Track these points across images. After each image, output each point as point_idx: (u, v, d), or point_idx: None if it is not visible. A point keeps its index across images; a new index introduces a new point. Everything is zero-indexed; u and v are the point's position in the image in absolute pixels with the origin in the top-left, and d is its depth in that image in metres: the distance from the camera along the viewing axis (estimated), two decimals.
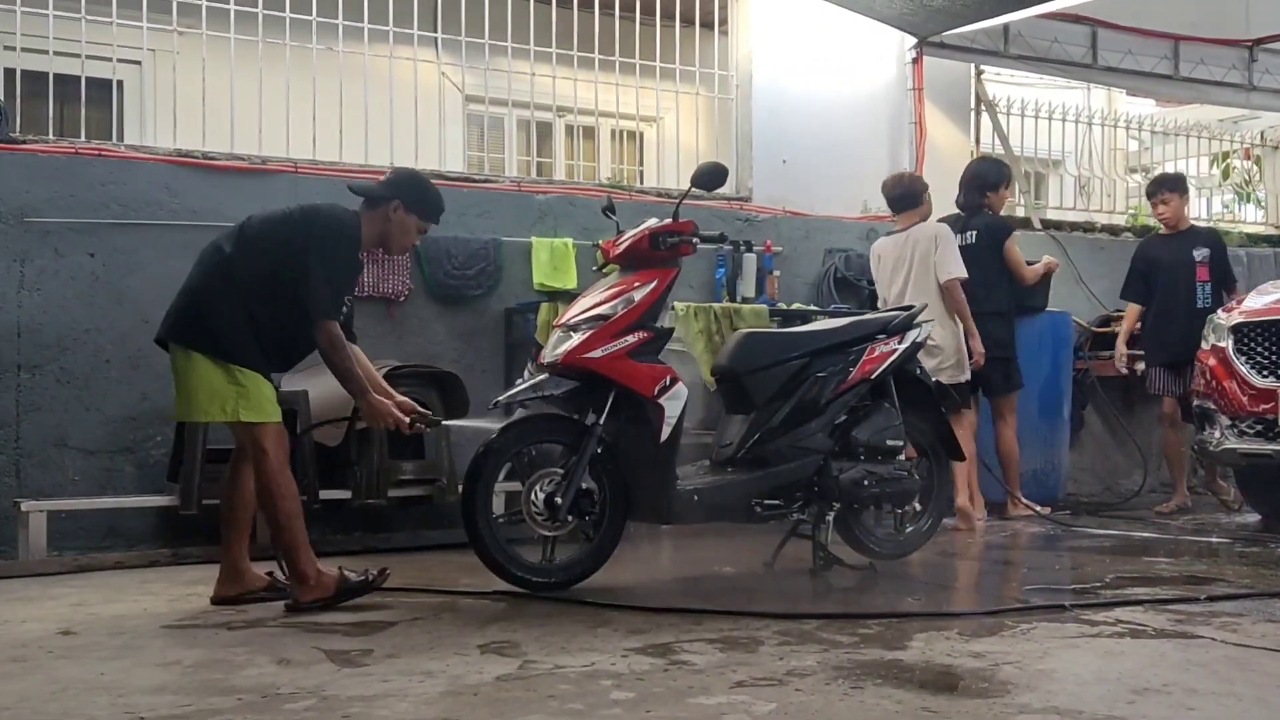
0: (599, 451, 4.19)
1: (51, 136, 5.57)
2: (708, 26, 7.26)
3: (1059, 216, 8.45)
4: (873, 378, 4.70)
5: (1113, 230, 8.42)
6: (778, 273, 6.68)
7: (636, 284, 4.28)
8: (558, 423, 4.30)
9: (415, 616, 3.76)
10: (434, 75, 6.58)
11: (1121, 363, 6.95)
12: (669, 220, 4.38)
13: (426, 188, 4.21)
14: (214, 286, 3.89)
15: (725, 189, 5.60)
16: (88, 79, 5.67)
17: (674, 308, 5.60)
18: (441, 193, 4.26)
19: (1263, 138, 9.90)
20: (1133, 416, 7.55)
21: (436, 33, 6.72)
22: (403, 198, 4.11)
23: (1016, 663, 3.10)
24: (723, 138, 7.30)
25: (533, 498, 4.15)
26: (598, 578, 4.25)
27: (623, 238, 4.41)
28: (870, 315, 5.10)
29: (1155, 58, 8.35)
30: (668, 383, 4.24)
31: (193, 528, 5.12)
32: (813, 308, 6.48)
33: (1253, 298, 6.13)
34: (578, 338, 4.20)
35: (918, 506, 4.87)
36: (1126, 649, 3.30)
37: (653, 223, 4.41)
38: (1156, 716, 2.62)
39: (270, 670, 3.06)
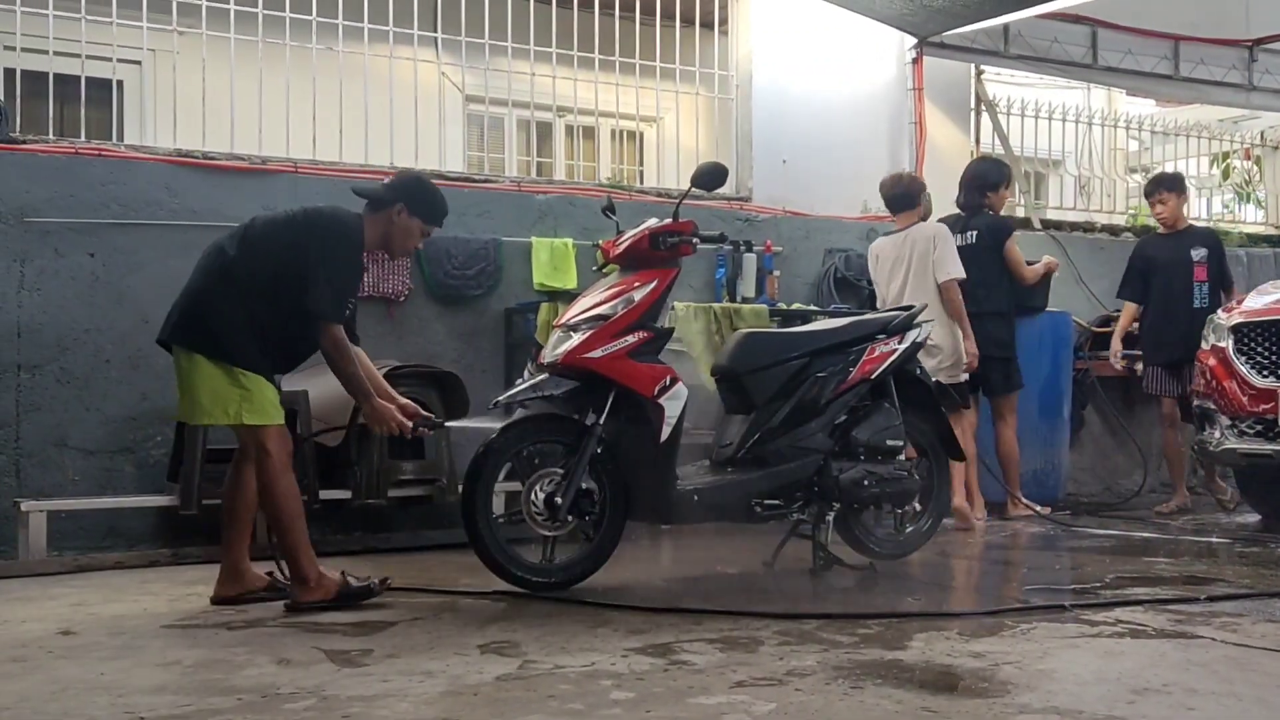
0: (599, 451, 4.19)
1: (51, 136, 5.56)
2: (708, 26, 7.26)
3: (1059, 216, 8.45)
4: (873, 378, 4.71)
5: (1113, 230, 8.42)
6: (778, 273, 6.68)
7: (636, 284, 4.28)
8: (558, 423, 4.30)
9: (415, 616, 3.76)
10: (434, 75, 6.58)
11: (1116, 360, 6.95)
12: (669, 220, 4.38)
13: (430, 191, 4.20)
14: (216, 288, 3.89)
15: (725, 189, 5.60)
16: (88, 79, 5.67)
17: (674, 308, 5.60)
18: (445, 195, 4.25)
19: (1263, 138, 9.90)
20: (1133, 416, 7.55)
21: (436, 33, 6.72)
22: (406, 201, 4.10)
23: (1016, 663, 3.10)
24: (723, 138, 7.30)
25: (533, 498, 4.15)
26: (598, 578, 4.25)
27: (623, 238, 4.42)
28: (870, 315, 5.10)
29: (1155, 58, 8.35)
30: (668, 383, 4.25)
31: (193, 528, 5.12)
32: (813, 308, 6.48)
33: (1253, 298, 6.13)
34: (578, 338, 4.20)
35: (918, 506, 4.87)
36: (1126, 649, 3.30)
37: (653, 223, 4.41)
38: (1156, 716, 2.62)
39: (270, 670, 3.06)
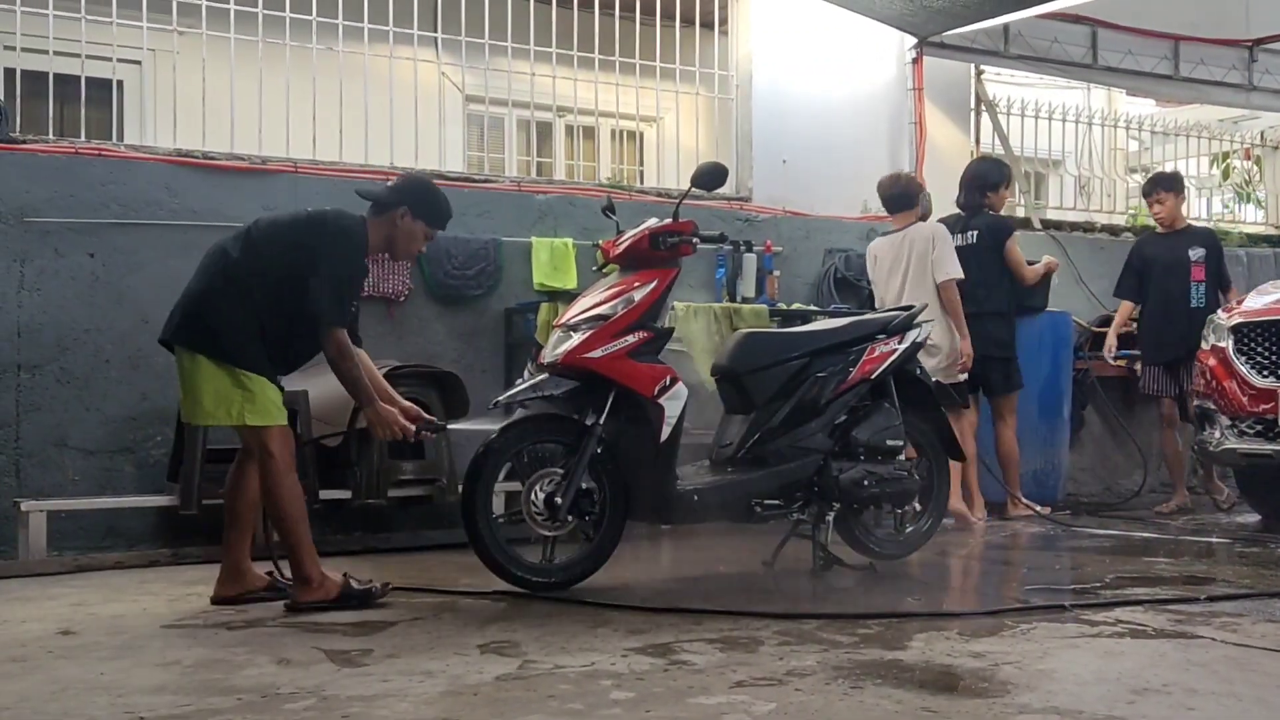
0: (599, 451, 4.19)
1: (51, 136, 5.56)
2: (708, 26, 7.26)
3: (1059, 216, 8.45)
4: (873, 378, 4.70)
5: (1113, 230, 8.41)
6: (778, 273, 6.68)
7: (636, 284, 4.28)
8: (558, 423, 4.29)
9: (415, 616, 3.76)
10: (434, 75, 6.58)
11: (1110, 354, 6.95)
12: (669, 220, 4.38)
13: (434, 194, 4.19)
14: (218, 290, 3.89)
15: (725, 189, 5.60)
16: (88, 79, 5.67)
17: (674, 308, 5.60)
18: (449, 198, 4.25)
19: (1263, 138, 9.90)
20: (1133, 416, 7.55)
21: (436, 33, 6.72)
22: (410, 204, 4.10)
23: (1016, 663, 3.10)
24: (723, 138, 7.30)
25: (533, 498, 4.15)
26: (598, 578, 4.25)
27: (623, 238, 4.41)
28: (870, 315, 5.10)
29: (1155, 58, 8.35)
30: (668, 383, 4.25)
31: (193, 528, 5.12)
32: (813, 308, 6.48)
33: (1253, 298, 6.13)
34: (578, 338, 4.20)
35: (918, 506, 4.87)
36: (1126, 649, 3.30)
37: (653, 223, 4.41)
38: (1156, 716, 2.62)
39: (270, 670, 3.06)
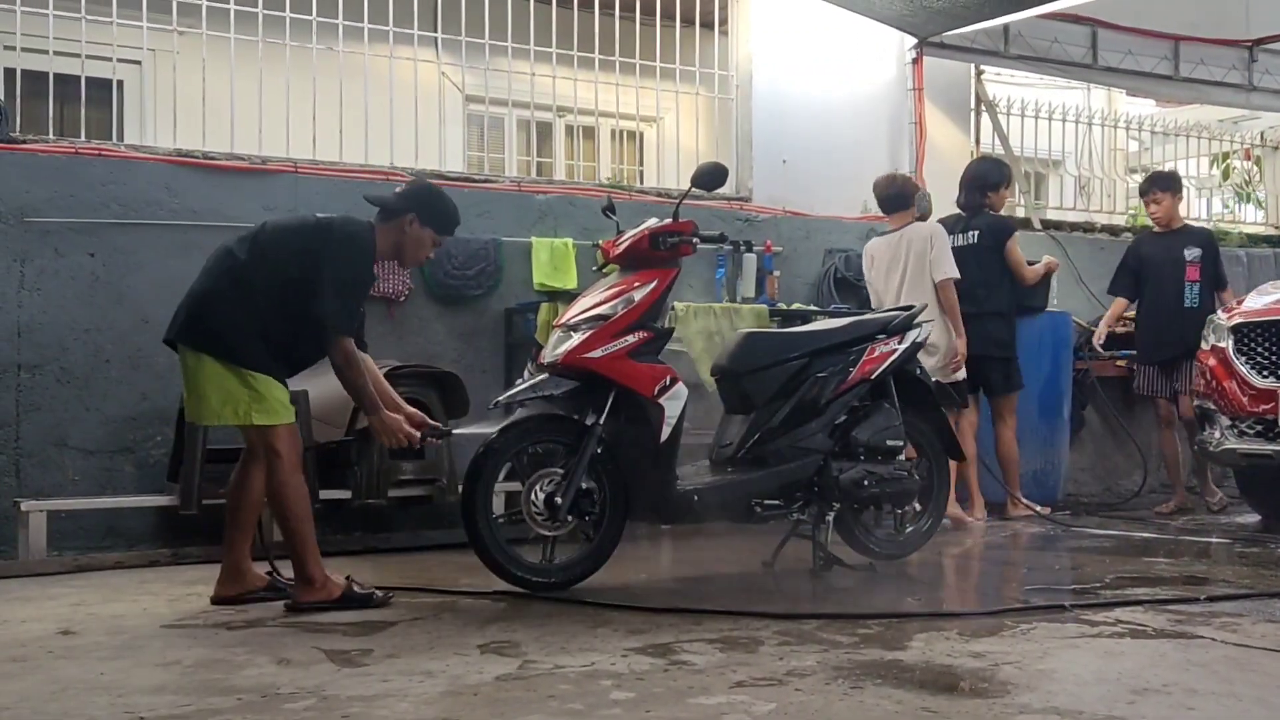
0: (599, 451, 4.19)
1: (51, 136, 5.56)
2: (708, 26, 7.25)
3: (1059, 217, 8.45)
4: (873, 378, 4.71)
5: (1113, 230, 8.41)
6: (778, 273, 6.68)
7: (636, 284, 4.28)
8: (558, 423, 4.29)
9: (415, 616, 3.76)
10: (434, 75, 6.58)
11: (1099, 341, 6.95)
12: (669, 220, 4.38)
13: (442, 200, 4.18)
14: (224, 291, 3.88)
15: (725, 189, 5.60)
16: (88, 79, 5.67)
17: (674, 308, 5.60)
18: (457, 205, 4.23)
19: (1263, 138, 9.90)
20: (1133, 417, 7.54)
21: (436, 33, 6.72)
22: (418, 211, 4.09)
23: (1016, 663, 3.10)
24: (723, 138, 7.30)
25: (533, 498, 4.15)
26: (598, 578, 4.25)
27: (623, 238, 4.41)
28: (870, 315, 5.10)
29: (1155, 58, 8.35)
30: (668, 383, 4.25)
31: (193, 528, 5.12)
32: (813, 308, 6.48)
33: (1253, 298, 6.13)
34: (578, 338, 4.20)
35: (918, 506, 4.87)
36: (1126, 649, 3.30)
37: (653, 223, 4.41)
38: (1156, 716, 2.62)
39: (270, 670, 3.07)
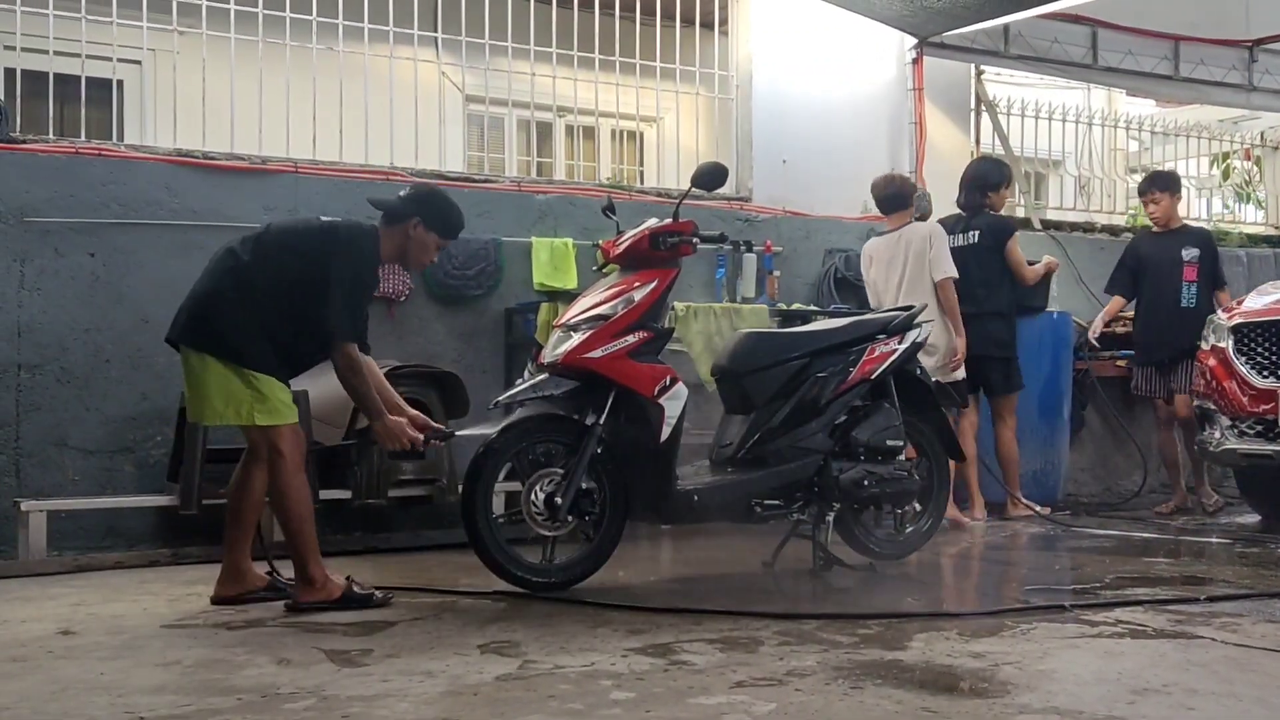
0: (599, 451, 4.19)
1: (51, 136, 5.56)
2: (708, 26, 7.25)
3: (1059, 217, 8.45)
4: (873, 378, 4.71)
5: (1113, 231, 8.41)
6: (778, 273, 6.68)
7: (636, 284, 4.28)
8: (558, 423, 4.29)
9: (415, 616, 3.76)
10: (434, 75, 6.58)
11: (1094, 334, 6.95)
12: (669, 220, 4.38)
13: (446, 204, 4.18)
14: (227, 292, 3.88)
15: (725, 189, 5.60)
16: (88, 79, 5.66)
17: (674, 308, 5.60)
18: (461, 208, 4.23)
19: (1263, 138, 9.89)
20: (1133, 417, 7.54)
21: (436, 33, 6.72)
22: (423, 215, 4.09)
23: (1016, 663, 3.11)
24: (723, 138, 7.30)
25: (533, 498, 4.15)
26: (598, 578, 4.25)
27: (623, 238, 4.42)
28: (870, 315, 5.10)
29: (1155, 58, 8.34)
30: (668, 383, 4.25)
31: (193, 528, 5.12)
32: (813, 308, 6.48)
33: (1253, 298, 6.13)
34: (578, 338, 4.20)
35: (918, 506, 4.87)
36: (1126, 649, 3.30)
37: (653, 223, 4.41)
38: (1156, 716, 2.62)
39: (270, 670, 3.07)
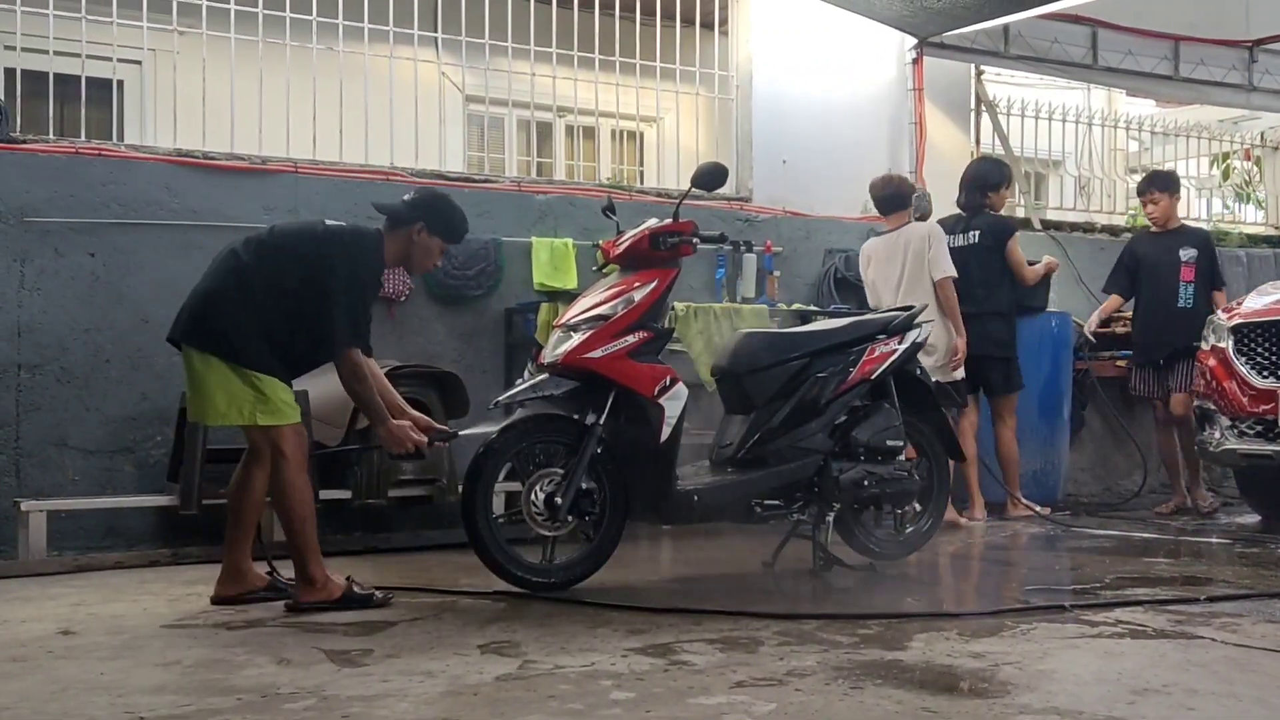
0: (599, 451, 4.19)
1: (51, 136, 5.56)
2: (708, 27, 7.25)
3: (1059, 217, 8.45)
4: (873, 378, 4.71)
5: (1113, 231, 8.41)
6: (778, 273, 6.68)
7: (637, 284, 4.28)
8: (558, 423, 4.29)
9: (415, 616, 3.76)
10: (434, 75, 6.58)
11: (1089, 329, 6.96)
12: (669, 220, 4.38)
13: (451, 209, 4.18)
14: (229, 293, 3.88)
15: (725, 189, 5.60)
16: (88, 79, 5.66)
17: (674, 308, 5.60)
18: (464, 212, 4.23)
19: (1263, 138, 9.90)
20: (1133, 417, 7.54)
21: (436, 33, 6.72)
22: (427, 220, 4.09)
23: (1016, 663, 3.11)
24: (723, 138, 7.30)
25: (533, 498, 4.16)
26: (598, 578, 4.25)
27: (623, 238, 4.42)
28: (870, 316, 5.10)
29: (1155, 58, 8.34)
30: (668, 383, 4.25)
31: (193, 528, 5.12)
32: (813, 308, 6.48)
33: (1253, 298, 6.12)
34: (578, 338, 4.20)
35: (918, 507, 4.87)
36: (1126, 649, 3.30)
37: (653, 223, 4.41)
38: (1156, 717, 2.62)
39: (270, 670, 3.07)
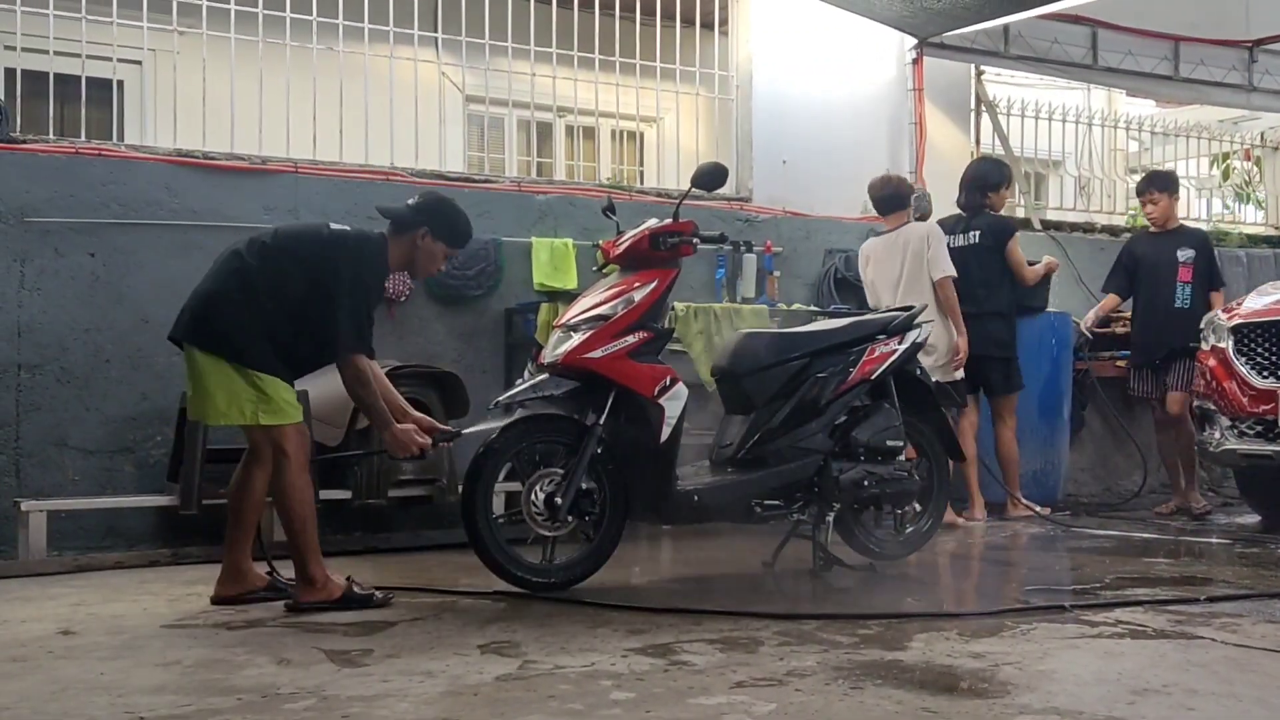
0: (599, 451, 4.19)
1: (52, 136, 5.56)
2: (708, 27, 7.25)
3: (1059, 217, 8.45)
4: (873, 378, 4.71)
5: (1113, 231, 8.41)
6: (778, 273, 6.68)
7: (637, 284, 4.28)
8: (558, 423, 4.29)
9: (415, 616, 3.76)
10: (434, 75, 6.58)
11: (1086, 325, 6.96)
12: (669, 220, 4.38)
13: (455, 214, 4.18)
14: (232, 294, 3.88)
15: (725, 189, 5.60)
16: (88, 79, 5.66)
17: (674, 308, 5.60)
18: (468, 216, 4.23)
19: (1263, 139, 9.90)
20: (1133, 417, 7.54)
21: (437, 33, 6.71)
22: (431, 225, 4.09)
23: (1016, 663, 3.11)
24: (723, 138, 7.30)
25: (533, 498, 4.16)
26: (598, 578, 4.25)
27: (623, 238, 4.42)
28: (870, 316, 5.10)
29: (1155, 58, 8.35)
30: (668, 383, 4.25)
31: (193, 528, 5.12)
32: (813, 308, 6.48)
33: (1253, 298, 6.12)
34: (578, 338, 4.20)
35: (918, 507, 4.87)
36: (1126, 649, 3.30)
37: (653, 223, 4.41)
38: (1156, 717, 2.62)
39: (270, 670, 3.07)
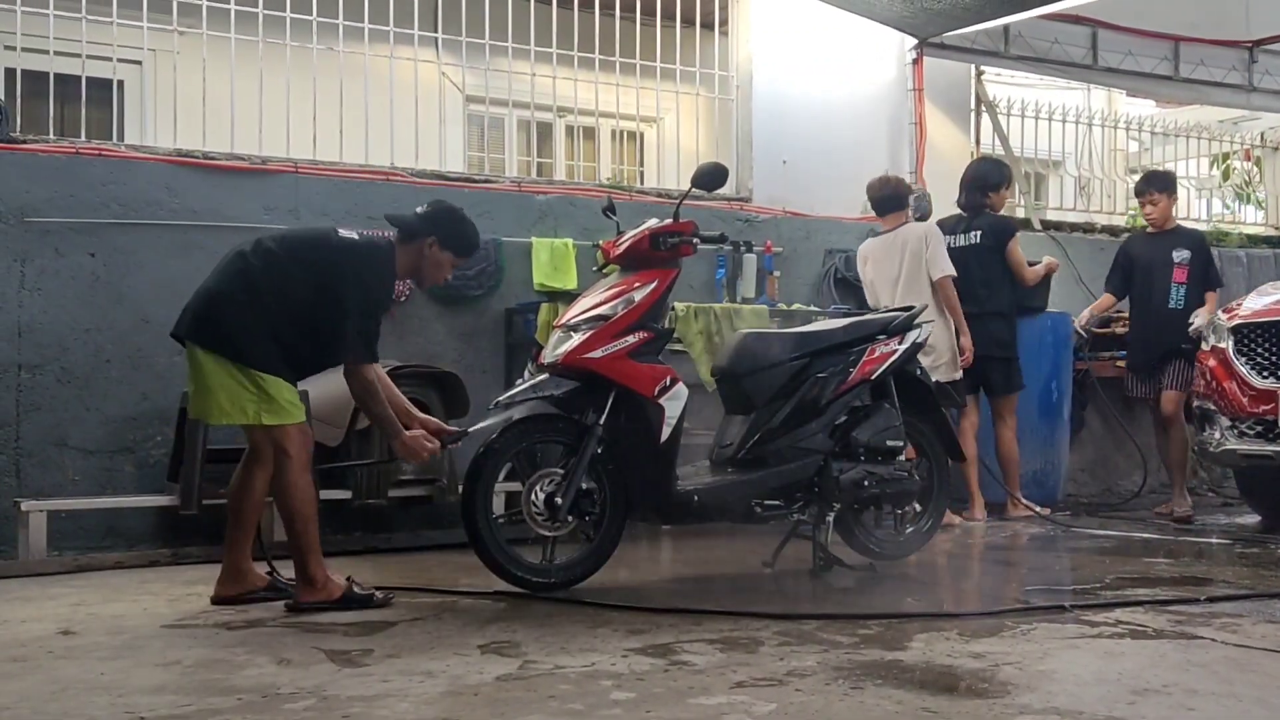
0: (599, 451, 4.19)
1: (52, 136, 5.56)
2: (708, 27, 7.25)
3: (1059, 217, 8.46)
4: (873, 378, 4.71)
5: (1113, 231, 8.41)
6: (778, 273, 6.68)
7: (637, 284, 4.28)
8: (558, 423, 4.30)
9: (415, 616, 3.76)
10: (434, 75, 6.58)
11: (1082, 323, 6.97)
12: (669, 220, 4.38)
13: (463, 224, 4.19)
14: (236, 294, 3.87)
15: (725, 189, 5.61)
16: (88, 79, 5.66)
17: (674, 308, 5.60)
18: (475, 225, 4.23)
19: (1263, 139, 9.90)
20: (1133, 417, 7.54)
21: (437, 33, 6.72)
22: (439, 234, 4.10)
23: (1017, 663, 3.11)
24: (723, 138, 7.30)
25: (533, 498, 4.16)
26: (598, 578, 4.25)
27: (623, 238, 4.42)
28: (870, 316, 5.10)
29: (1155, 58, 8.35)
30: (668, 383, 4.25)
31: (193, 528, 5.12)
32: (813, 308, 6.48)
33: (1253, 299, 6.12)
34: (578, 338, 4.20)
35: (918, 507, 4.87)
36: (1126, 650, 3.30)
37: (653, 223, 4.41)
38: (1156, 717, 2.62)
39: (270, 670, 3.07)
